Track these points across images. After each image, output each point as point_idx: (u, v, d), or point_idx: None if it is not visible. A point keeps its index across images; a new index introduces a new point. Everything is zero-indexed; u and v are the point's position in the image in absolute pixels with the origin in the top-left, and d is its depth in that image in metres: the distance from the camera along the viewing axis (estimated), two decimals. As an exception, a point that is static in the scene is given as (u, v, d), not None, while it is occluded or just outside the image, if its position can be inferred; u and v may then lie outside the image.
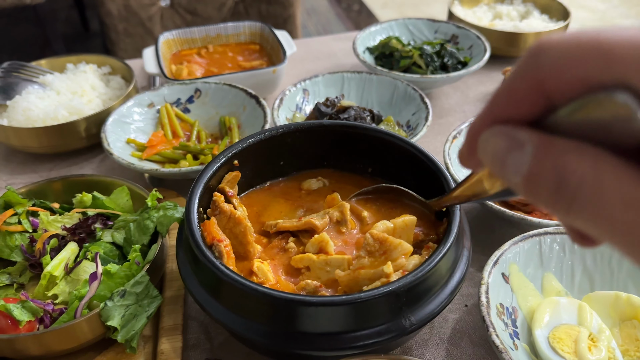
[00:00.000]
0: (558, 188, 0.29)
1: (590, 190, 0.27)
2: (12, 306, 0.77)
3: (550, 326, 0.78)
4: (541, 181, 0.30)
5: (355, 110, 1.15)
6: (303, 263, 0.78)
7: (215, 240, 0.77)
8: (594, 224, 0.28)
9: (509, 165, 0.31)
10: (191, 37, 1.53)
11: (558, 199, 0.29)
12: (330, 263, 0.77)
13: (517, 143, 0.31)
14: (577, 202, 0.28)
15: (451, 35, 1.53)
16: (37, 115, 1.20)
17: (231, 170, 0.88)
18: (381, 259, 0.74)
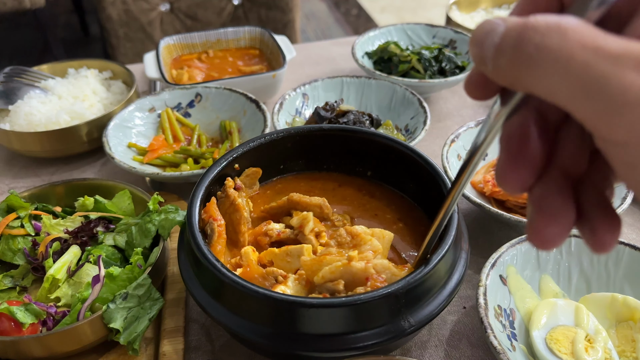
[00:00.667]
0: (519, 47, 0.30)
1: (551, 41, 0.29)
2: (15, 309, 0.78)
3: (547, 327, 0.79)
4: (508, 43, 0.31)
5: (354, 114, 1.16)
6: (267, 258, 0.80)
7: (211, 218, 0.79)
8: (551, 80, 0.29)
9: (487, 41, 0.33)
10: (191, 42, 1.55)
11: (518, 59, 0.31)
12: (290, 253, 0.78)
13: (495, 25, 0.33)
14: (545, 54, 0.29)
15: (449, 40, 1.55)
16: (39, 119, 1.21)
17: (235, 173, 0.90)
18: (349, 252, 0.75)
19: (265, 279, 0.75)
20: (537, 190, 0.36)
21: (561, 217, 0.35)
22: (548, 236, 0.35)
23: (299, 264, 0.77)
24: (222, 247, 0.80)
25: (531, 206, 0.37)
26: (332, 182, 0.97)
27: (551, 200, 0.36)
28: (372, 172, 0.96)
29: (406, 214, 0.90)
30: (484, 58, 0.33)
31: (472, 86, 0.39)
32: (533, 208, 0.36)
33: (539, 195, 0.36)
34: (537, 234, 0.36)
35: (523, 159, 0.36)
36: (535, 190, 0.36)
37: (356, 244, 0.77)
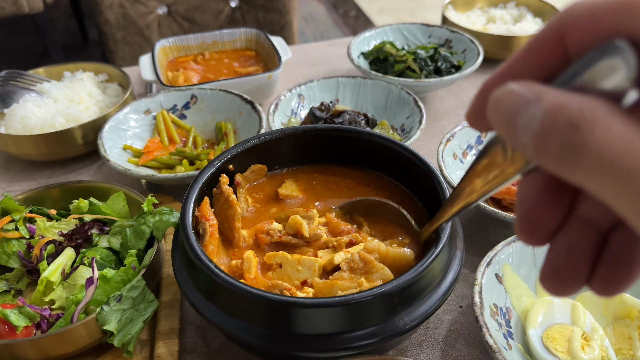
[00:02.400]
0: (568, 143, 0.27)
1: (598, 140, 0.26)
2: (9, 312, 0.78)
3: (543, 326, 0.78)
4: (552, 136, 0.28)
5: (349, 114, 1.16)
6: (276, 259, 0.79)
7: (203, 218, 0.79)
8: (599, 178, 0.27)
9: (520, 122, 0.29)
10: (187, 44, 1.55)
11: (565, 155, 0.28)
12: (302, 263, 0.77)
13: (531, 98, 0.29)
14: (584, 155, 0.27)
15: (445, 39, 1.54)
16: (34, 123, 1.21)
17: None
18: (360, 278, 0.75)
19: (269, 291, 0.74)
20: (559, 239, 0.34)
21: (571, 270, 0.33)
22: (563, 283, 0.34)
23: (307, 274, 0.77)
24: (214, 247, 0.79)
25: (547, 255, 0.35)
26: (328, 181, 0.96)
27: (564, 253, 0.34)
28: (366, 171, 0.96)
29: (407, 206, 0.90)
30: (518, 142, 0.30)
31: (475, 117, 0.36)
32: (547, 256, 0.35)
33: (561, 244, 0.34)
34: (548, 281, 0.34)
35: (538, 221, 0.34)
36: (558, 239, 0.34)
37: (368, 271, 0.76)
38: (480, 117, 0.35)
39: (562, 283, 0.34)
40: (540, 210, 0.34)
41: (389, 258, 0.77)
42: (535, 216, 0.34)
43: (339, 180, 0.95)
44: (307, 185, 0.94)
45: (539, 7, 1.72)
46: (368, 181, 0.94)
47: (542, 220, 0.34)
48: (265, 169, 0.94)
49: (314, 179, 0.95)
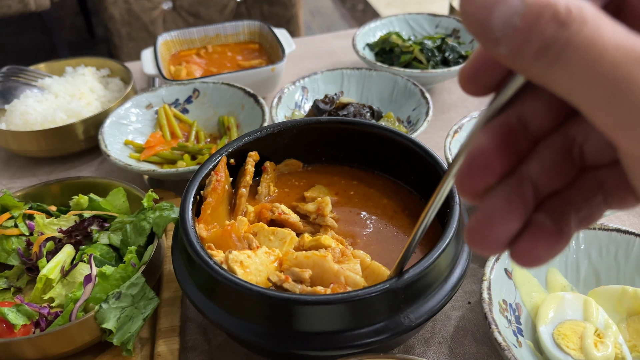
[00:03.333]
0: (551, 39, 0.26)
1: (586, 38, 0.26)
2: (6, 310, 0.76)
3: (555, 322, 0.76)
4: (534, 31, 0.26)
5: (354, 106, 1.14)
6: (254, 229, 0.79)
7: (214, 172, 0.82)
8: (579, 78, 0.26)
9: (498, 15, 0.27)
10: (190, 37, 1.53)
11: (547, 51, 0.26)
12: (275, 234, 0.78)
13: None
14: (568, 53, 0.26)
15: (452, 29, 1.51)
16: (35, 118, 1.19)
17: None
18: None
19: (239, 241, 0.75)
20: (492, 194, 0.33)
21: (505, 222, 0.32)
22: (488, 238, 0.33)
23: (277, 245, 0.76)
24: (214, 200, 0.80)
25: (479, 206, 0.34)
26: (332, 175, 0.94)
27: (501, 204, 0.33)
28: (371, 164, 0.94)
29: (409, 204, 0.88)
30: (491, 37, 0.28)
31: (467, 79, 0.34)
32: (479, 207, 0.34)
33: (491, 196, 0.33)
34: (474, 233, 0.33)
35: (482, 168, 0.33)
36: (490, 194, 0.33)
37: (341, 260, 0.74)
38: (473, 76, 0.34)
39: (491, 237, 0.32)
40: (488, 156, 0.33)
41: (369, 269, 0.74)
42: (483, 159, 0.33)
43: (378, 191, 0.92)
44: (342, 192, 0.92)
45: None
46: (371, 181, 0.93)
47: (487, 166, 0.33)
48: (300, 164, 0.95)
49: (352, 187, 0.92)
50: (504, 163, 0.33)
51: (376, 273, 0.72)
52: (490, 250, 0.33)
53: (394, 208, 0.87)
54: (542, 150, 0.34)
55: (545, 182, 0.33)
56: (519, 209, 0.33)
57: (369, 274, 0.73)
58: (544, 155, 0.34)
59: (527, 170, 0.33)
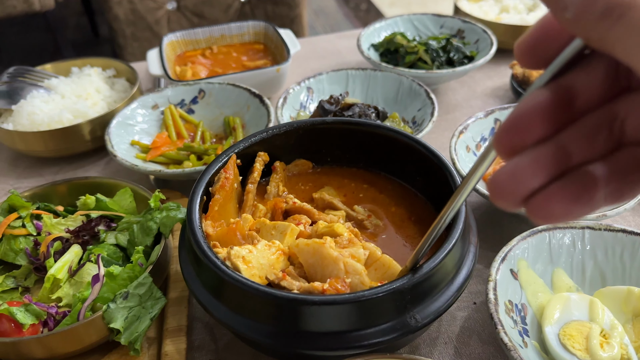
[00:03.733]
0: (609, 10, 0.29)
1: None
2: (15, 309, 0.77)
3: (560, 323, 0.76)
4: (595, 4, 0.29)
5: (359, 107, 1.14)
6: (257, 226, 0.80)
7: (223, 169, 0.83)
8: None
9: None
10: (195, 38, 1.53)
11: (611, 10, 0.29)
12: (276, 228, 0.78)
13: None
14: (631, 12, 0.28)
15: (457, 29, 1.51)
16: (41, 119, 1.20)
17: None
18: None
19: (244, 239, 0.76)
20: (524, 153, 0.35)
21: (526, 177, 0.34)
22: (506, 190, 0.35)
23: (278, 238, 0.77)
24: (221, 197, 0.81)
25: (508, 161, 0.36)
26: (342, 177, 0.94)
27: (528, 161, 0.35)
28: (377, 165, 0.94)
29: (416, 210, 0.88)
30: (560, 3, 0.31)
31: (524, 51, 0.36)
32: (507, 162, 0.36)
33: (522, 155, 0.35)
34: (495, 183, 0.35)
35: (522, 128, 0.34)
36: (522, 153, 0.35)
37: (345, 246, 0.74)
38: (533, 48, 0.36)
39: (511, 184, 0.34)
40: (533, 118, 0.34)
41: (379, 262, 0.74)
42: (526, 120, 0.34)
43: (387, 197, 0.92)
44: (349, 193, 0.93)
45: (554, -4, 1.68)
46: (376, 182, 0.93)
47: (527, 127, 0.34)
48: (310, 165, 0.96)
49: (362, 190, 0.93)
50: (544, 127, 0.35)
51: (387, 267, 0.73)
52: (506, 201, 0.35)
53: (401, 216, 0.87)
54: (584, 122, 0.35)
55: (580, 151, 0.35)
56: (544, 170, 0.34)
57: (379, 267, 0.73)
58: (585, 126, 0.35)
59: (565, 137, 0.35)
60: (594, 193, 0.34)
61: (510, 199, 0.35)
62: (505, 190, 0.35)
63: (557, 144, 0.35)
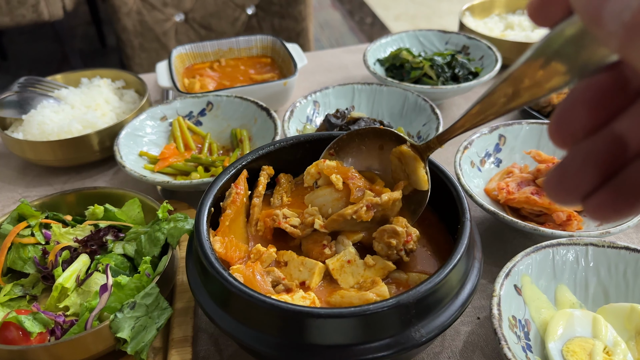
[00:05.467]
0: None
1: None
2: (23, 318, 0.78)
3: (564, 339, 0.76)
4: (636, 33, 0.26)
5: (365, 121, 1.15)
6: (284, 258, 0.80)
7: (234, 184, 0.84)
8: None
9: (609, 9, 0.27)
10: (204, 51, 1.55)
11: None
12: (305, 264, 0.78)
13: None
14: None
15: (462, 46, 1.53)
16: (51, 129, 1.21)
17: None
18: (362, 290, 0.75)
19: (263, 278, 0.76)
20: (576, 147, 0.34)
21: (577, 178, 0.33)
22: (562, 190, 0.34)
23: (306, 276, 0.77)
24: (232, 212, 0.82)
25: (562, 157, 0.34)
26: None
27: (578, 160, 0.33)
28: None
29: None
30: (601, 26, 0.28)
31: (535, 9, 0.34)
32: (562, 159, 0.34)
33: (573, 150, 0.34)
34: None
35: (568, 122, 0.33)
36: (574, 147, 0.34)
37: (369, 288, 0.75)
38: (544, 6, 0.34)
39: (565, 187, 0.33)
40: (577, 110, 0.33)
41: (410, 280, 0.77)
42: (575, 113, 0.33)
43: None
44: None
45: (558, 14, 1.70)
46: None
47: (579, 118, 0.33)
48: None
49: None
50: (593, 116, 0.33)
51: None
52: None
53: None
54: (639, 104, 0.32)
55: (638, 139, 0.32)
56: (595, 170, 0.33)
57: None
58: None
59: (621, 125, 0.32)
60: None
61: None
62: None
63: (610, 134, 0.32)
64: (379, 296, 0.72)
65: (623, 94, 0.32)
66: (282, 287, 0.75)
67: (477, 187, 1.05)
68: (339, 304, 0.73)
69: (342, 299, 0.73)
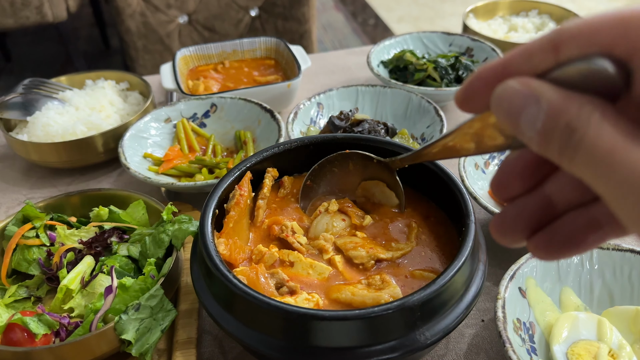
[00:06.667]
0: (567, 141, 0.31)
1: (590, 141, 0.30)
2: (28, 319, 0.78)
3: (568, 342, 0.76)
4: (553, 135, 0.32)
5: (369, 123, 1.15)
6: (290, 258, 0.79)
7: (238, 186, 0.84)
8: (592, 170, 0.31)
9: (524, 119, 0.33)
10: (208, 53, 1.55)
11: (565, 151, 0.32)
12: (314, 267, 0.78)
13: (531, 97, 0.33)
14: (580, 152, 0.31)
15: (466, 47, 1.53)
16: (56, 130, 1.22)
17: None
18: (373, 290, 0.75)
19: (266, 281, 0.75)
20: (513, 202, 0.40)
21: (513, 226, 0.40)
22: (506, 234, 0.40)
23: (315, 279, 0.77)
24: (236, 214, 0.81)
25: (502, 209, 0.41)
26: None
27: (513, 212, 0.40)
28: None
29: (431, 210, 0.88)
30: (521, 131, 0.34)
31: (463, 100, 0.39)
32: (501, 210, 0.41)
33: (510, 204, 0.40)
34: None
35: (505, 186, 0.40)
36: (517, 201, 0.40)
37: (381, 287, 0.75)
38: (469, 100, 0.38)
39: (504, 231, 0.40)
40: (515, 176, 0.40)
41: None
42: (509, 180, 0.40)
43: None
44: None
45: (562, 15, 1.70)
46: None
47: (512, 184, 0.40)
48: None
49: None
50: (523, 184, 0.40)
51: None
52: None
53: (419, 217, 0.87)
54: (565, 172, 0.37)
55: (564, 199, 0.38)
56: (528, 220, 0.39)
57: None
58: (566, 176, 0.38)
59: (549, 188, 0.39)
60: (581, 240, 0.37)
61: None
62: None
63: (540, 194, 0.39)
64: (392, 297, 0.72)
65: (547, 165, 0.38)
66: (286, 289, 0.75)
67: (481, 189, 1.04)
68: (349, 301, 0.73)
69: (354, 297, 0.73)
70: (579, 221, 0.37)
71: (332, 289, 0.75)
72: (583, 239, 0.37)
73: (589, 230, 0.37)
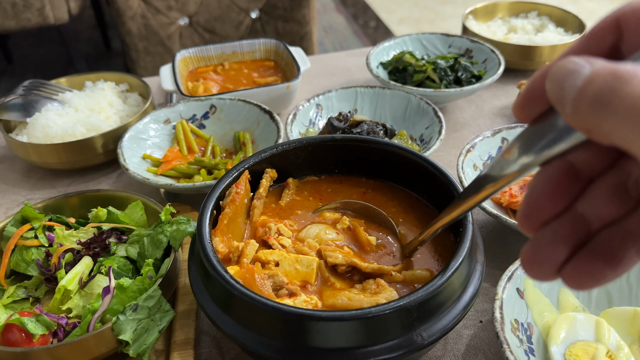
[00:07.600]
0: (605, 89, 0.30)
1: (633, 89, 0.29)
2: (26, 320, 0.78)
3: (566, 343, 0.76)
4: (591, 85, 0.30)
5: (368, 124, 1.15)
6: (273, 257, 0.79)
7: (234, 184, 0.84)
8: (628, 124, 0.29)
9: (569, 82, 0.32)
10: (207, 54, 1.56)
11: (601, 100, 0.30)
12: (300, 261, 0.78)
13: (584, 64, 0.32)
14: (615, 104, 0.29)
15: (465, 49, 1.53)
16: (55, 132, 1.22)
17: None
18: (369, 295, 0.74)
19: (263, 281, 0.75)
20: (544, 228, 0.38)
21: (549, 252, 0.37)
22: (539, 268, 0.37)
23: (307, 274, 0.77)
24: (232, 211, 0.81)
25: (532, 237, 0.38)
26: (347, 190, 0.95)
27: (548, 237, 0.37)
28: (385, 182, 0.95)
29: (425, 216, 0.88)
30: (562, 99, 0.32)
31: (522, 108, 0.38)
32: (531, 238, 0.38)
33: (542, 230, 0.38)
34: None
35: (536, 211, 0.38)
36: (548, 226, 0.38)
37: (376, 292, 0.75)
38: (527, 106, 0.37)
39: (540, 260, 0.37)
40: (545, 198, 0.37)
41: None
42: (539, 203, 0.38)
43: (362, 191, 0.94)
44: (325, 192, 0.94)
45: (561, 17, 1.70)
46: (387, 193, 0.93)
47: (544, 207, 0.37)
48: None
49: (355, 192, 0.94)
50: (555, 205, 0.37)
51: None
52: (539, 278, 0.37)
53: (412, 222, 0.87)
54: (596, 188, 0.37)
55: (599, 216, 0.36)
56: (564, 243, 0.36)
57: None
58: (597, 192, 0.37)
59: (582, 207, 0.37)
60: (627, 255, 0.35)
61: (541, 276, 0.37)
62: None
63: (573, 214, 0.37)
64: (388, 300, 0.72)
65: (577, 182, 0.37)
66: (285, 292, 0.75)
67: (479, 190, 1.04)
68: (346, 307, 0.73)
69: (350, 302, 0.73)
70: (616, 236, 0.35)
71: (328, 295, 0.75)
72: (624, 253, 0.35)
73: (629, 242, 0.35)
